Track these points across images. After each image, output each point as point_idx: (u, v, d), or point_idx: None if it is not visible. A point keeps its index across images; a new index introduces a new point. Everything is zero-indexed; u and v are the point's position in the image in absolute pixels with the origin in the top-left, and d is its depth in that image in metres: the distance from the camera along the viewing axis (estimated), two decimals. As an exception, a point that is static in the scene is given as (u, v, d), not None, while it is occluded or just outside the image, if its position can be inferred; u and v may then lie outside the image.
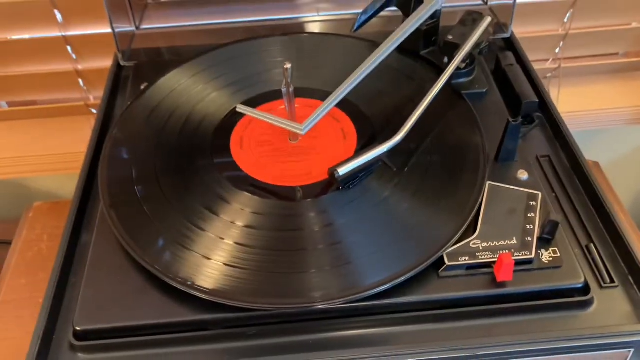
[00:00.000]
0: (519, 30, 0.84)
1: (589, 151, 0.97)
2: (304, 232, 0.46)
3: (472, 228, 0.46)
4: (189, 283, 0.42)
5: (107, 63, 0.69)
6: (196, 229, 0.46)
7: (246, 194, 0.49)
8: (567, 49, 0.86)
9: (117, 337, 0.42)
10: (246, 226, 0.46)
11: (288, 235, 0.46)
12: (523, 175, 0.50)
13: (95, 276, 0.45)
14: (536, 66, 0.88)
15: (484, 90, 0.58)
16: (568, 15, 0.82)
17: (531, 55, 0.87)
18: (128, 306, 0.43)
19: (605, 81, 0.91)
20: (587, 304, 0.44)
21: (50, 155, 0.85)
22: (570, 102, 0.89)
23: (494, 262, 0.44)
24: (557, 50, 0.86)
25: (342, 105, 0.55)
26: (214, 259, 0.44)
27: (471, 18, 0.58)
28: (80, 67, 0.80)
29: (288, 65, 0.47)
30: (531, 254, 0.44)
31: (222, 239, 0.45)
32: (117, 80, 0.65)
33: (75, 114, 0.85)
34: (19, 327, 0.41)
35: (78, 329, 0.42)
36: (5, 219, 0.99)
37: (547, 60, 0.88)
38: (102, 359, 0.42)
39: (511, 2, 0.66)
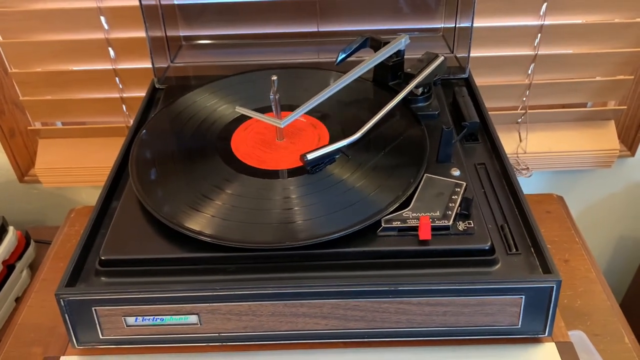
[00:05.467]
0: (491, 79, 0.99)
1: (560, 190, 1.10)
2: (279, 199, 0.60)
3: (407, 204, 0.59)
4: (186, 226, 0.57)
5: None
6: (197, 192, 0.61)
7: (237, 172, 0.63)
8: (533, 98, 1.00)
9: (130, 266, 0.56)
10: (233, 194, 0.61)
11: (265, 201, 0.60)
12: (455, 171, 0.64)
13: (119, 224, 0.60)
14: (508, 112, 1.03)
15: (436, 113, 0.73)
16: (531, 67, 0.97)
17: (503, 102, 1.02)
18: (141, 245, 0.57)
19: (570, 127, 1.04)
20: (492, 262, 0.56)
21: (93, 168, 1.02)
22: (538, 144, 1.03)
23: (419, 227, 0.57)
24: (524, 99, 1.00)
25: (323, 119, 0.71)
26: (206, 212, 0.58)
27: (428, 57, 0.73)
28: (124, 95, 0.98)
29: (274, 77, 0.63)
30: (449, 222, 0.57)
31: (212, 199, 0.60)
32: (152, 99, 0.82)
33: (117, 135, 1.02)
34: (54, 299, 0.53)
35: (103, 257, 0.56)
36: (52, 225, 1.15)
37: (518, 107, 1.02)
38: (118, 282, 0.56)
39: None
